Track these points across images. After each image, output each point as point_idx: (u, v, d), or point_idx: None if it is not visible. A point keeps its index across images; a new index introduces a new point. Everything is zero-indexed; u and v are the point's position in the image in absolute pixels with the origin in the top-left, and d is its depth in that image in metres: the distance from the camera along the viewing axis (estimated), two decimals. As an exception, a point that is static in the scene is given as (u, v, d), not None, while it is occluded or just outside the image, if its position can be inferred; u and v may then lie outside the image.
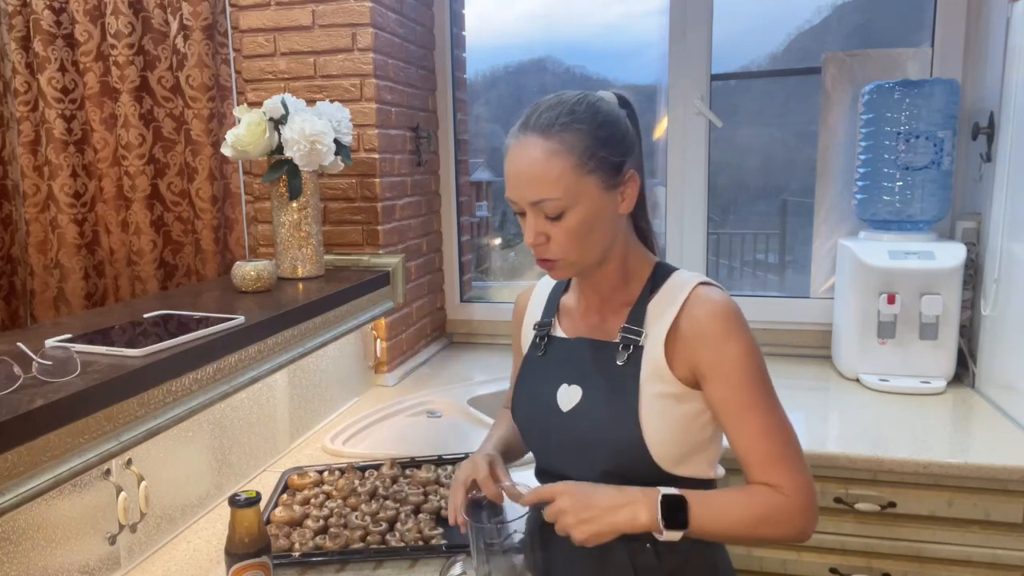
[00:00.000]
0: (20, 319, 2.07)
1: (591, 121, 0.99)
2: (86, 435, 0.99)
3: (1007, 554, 1.50)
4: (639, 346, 1.04)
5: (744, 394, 1.00)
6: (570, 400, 1.07)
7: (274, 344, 1.42)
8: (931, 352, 1.90)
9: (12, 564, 1.02)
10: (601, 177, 0.99)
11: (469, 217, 2.65)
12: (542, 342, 1.15)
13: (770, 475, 0.99)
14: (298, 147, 1.68)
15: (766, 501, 0.98)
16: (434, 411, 1.91)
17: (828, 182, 2.23)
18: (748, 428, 1.00)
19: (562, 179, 0.97)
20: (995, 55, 1.84)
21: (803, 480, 0.98)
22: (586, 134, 0.98)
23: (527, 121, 1.00)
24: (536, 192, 0.98)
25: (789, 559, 1.61)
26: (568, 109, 0.99)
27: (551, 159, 0.97)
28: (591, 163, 0.98)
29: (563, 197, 0.97)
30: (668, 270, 1.09)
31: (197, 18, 1.98)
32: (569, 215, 0.99)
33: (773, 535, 0.98)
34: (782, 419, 1.01)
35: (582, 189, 0.98)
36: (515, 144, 1.00)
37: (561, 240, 1.00)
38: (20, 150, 2.07)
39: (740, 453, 1.01)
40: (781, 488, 0.98)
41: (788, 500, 0.97)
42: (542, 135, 0.98)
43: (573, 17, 2.61)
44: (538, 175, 0.97)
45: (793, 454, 1.00)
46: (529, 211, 1.00)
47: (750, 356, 1.00)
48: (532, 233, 1.00)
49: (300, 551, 1.20)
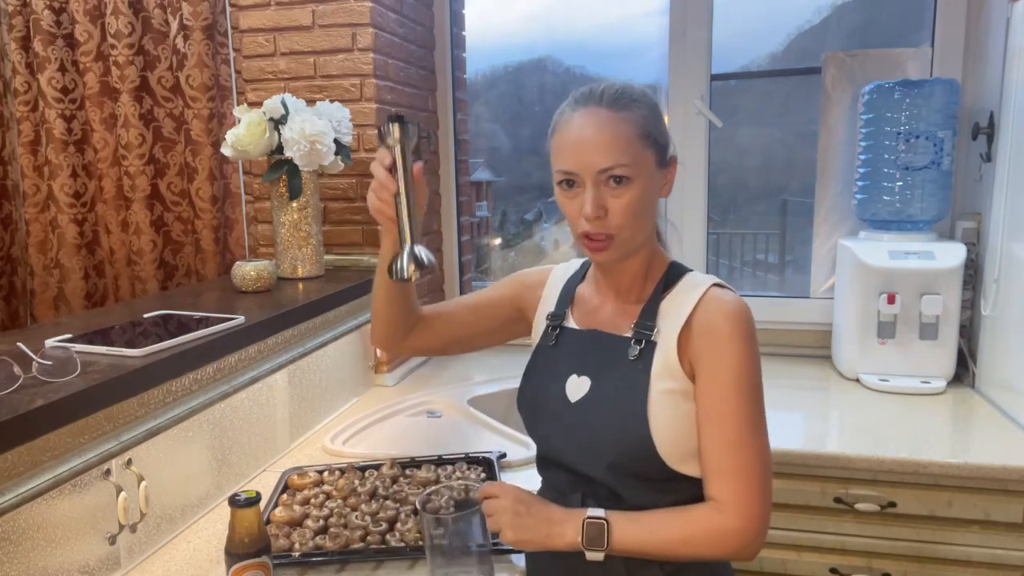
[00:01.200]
0: (20, 319, 2.07)
1: (650, 103, 1.04)
2: (86, 435, 0.99)
3: (1007, 554, 1.50)
4: (651, 341, 1.04)
5: (728, 400, 0.99)
6: (579, 391, 1.08)
7: (274, 344, 1.42)
8: (931, 352, 1.90)
9: (12, 564, 1.02)
10: (656, 154, 1.04)
11: (469, 217, 2.64)
12: (554, 332, 1.16)
13: (719, 489, 0.97)
14: (298, 147, 1.68)
15: (698, 522, 0.97)
16: (434, 411, 1.91)
17: (828, 182, 2.23)
18: (718, 435, 0.98)
19: (631, 147, 1.01)
20: (995, 55, 1.84)
21: (751, 501, 0.96)
22: (646, 113, 1.03)
23: (591, 95, 1.03)
24: (607, 158, 1.00)
25: (789, 559, 1.61)
26: (633, 92, 1.04)
27: (622, 126, 1.01)
28: (649, 139, 1.03)
29: (631, 165, 1.00)
30: (682, 270, 1.11)
31: (197, 18, 1.98)
32: (632, 186, 1.01)
33: (702, 555, 0.98)
34: (756, 436, 0.99)
35: (644, 162, 1.02)
36: (579, 115, 1.02)
37: (620, 212, 1.01)
38: (20, 150, 2.07)
39: (702, 458, 1.00)
40: (724, 506, 0.96)
41: (724, 520, 0.96)
42: (611, 107, 1.01)
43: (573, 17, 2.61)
44: (609, 142, 1.00)
45: (754, 474, 0.97)
46: (591, 182, 1.01)
47: (747, 364, 1.00)
48: (594, 205, 1.00)
49: (300, 551, 1.20)
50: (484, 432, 1.76)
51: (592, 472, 1.05)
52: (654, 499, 1.03)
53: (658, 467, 1.02)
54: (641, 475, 1.03)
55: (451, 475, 1.45)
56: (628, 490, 1.04)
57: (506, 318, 1.26)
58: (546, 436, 1.13)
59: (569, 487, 1.09)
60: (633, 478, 1.03)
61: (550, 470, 1.15)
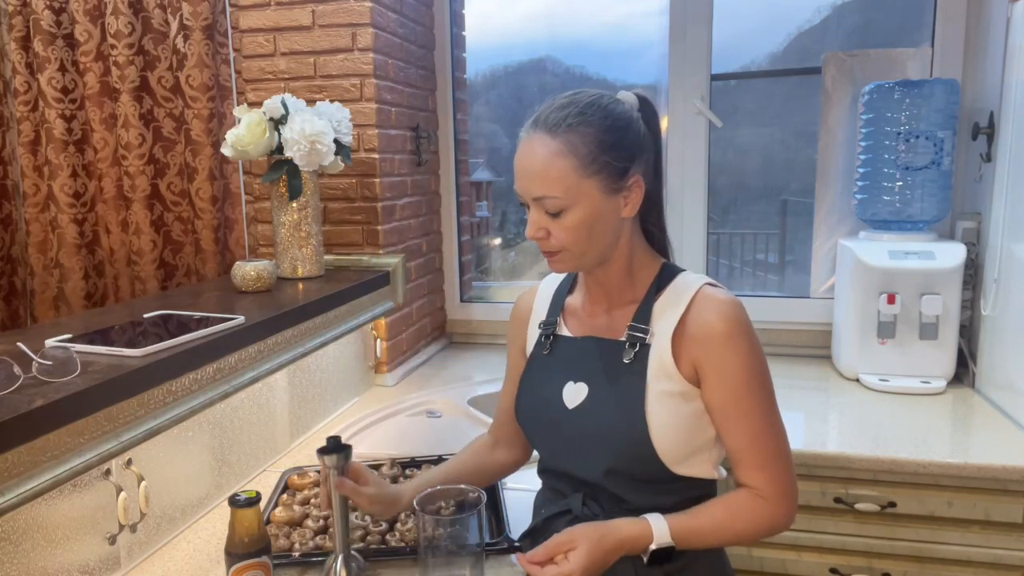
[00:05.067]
0: (20, 319, 2.07)
1: (599, 124, 0.99)
2: (86, 435, 0.99)
3: (1007, 554, 1.50)
4: (645, 344, 1.04)
5: (741, 399, 1.01)
6: (576, 397, 1.08)
7: (274, 344, 1.42)
8: (931, 352, 1.90)
9: (12, 564, 1.02)
10: (604, 180, 1.00)
11: (469, 217, 2.65)
12: (547, 340, 1.15)
13: (754, 478, 1.03)
14: (298, 147, 1.68)
15: (747, 514, 1.03)
16: (434, 411, 1.91)
17: (828, 182, 2.23)
18: (740, 431, 1.02)
19: (563, 180, 0.98)
20: (995, 55, 1.84)
21: (784, 482, 1.04)
22: (592, 137, 0.98)
23: (538, 118, 1.02)
24: (538, 188, 1.00)
25: (789, 559, 1.61)
26: (579, 111, 0.99)
27: (554, 159, 0.98)
28: (594, 166, 0.99)
29: (563, 197, 0.99)
30: (674, 271, 1.10)
31: (197, 18, 1.98)
32: (568, 214, 1.00)
33: (753, 539, 1.05)
34: (774, 423, 1.04)
35: (583, 191, 0.99)
36: (524, 139, 1.02)
37: (560, 236, 1.02)
38: (20, 150, 2.07)
39: (730, 453, 1.05)
40: (763, 492, 1.02)
41: (767, 507, 1.03)
42: (549, 133, 0.99)
43: (573, 17, 2.60)
44: (540, 173, 0.99)
45: (781, 458, 1.04)
46: (532, 205, 1.03)
47: (751, 360, 1.01)
48: (533, 227, 1.03)
49: (300, 551, 1.20)
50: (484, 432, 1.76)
51: (592, 477, 1.05)
52: (654, 501, 1.03)
53: (658, 469, 1.02)
54: (641, 478, 1.03)
55: (451, 475, 1.45)
56: (628, 493, 1.04)
57: None
58: (546, 444, 1.13)
59: (570, 490, 1.09)
60: (633, 481, 1.03)
61: (550, 475, 1.15)
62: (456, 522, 1.02)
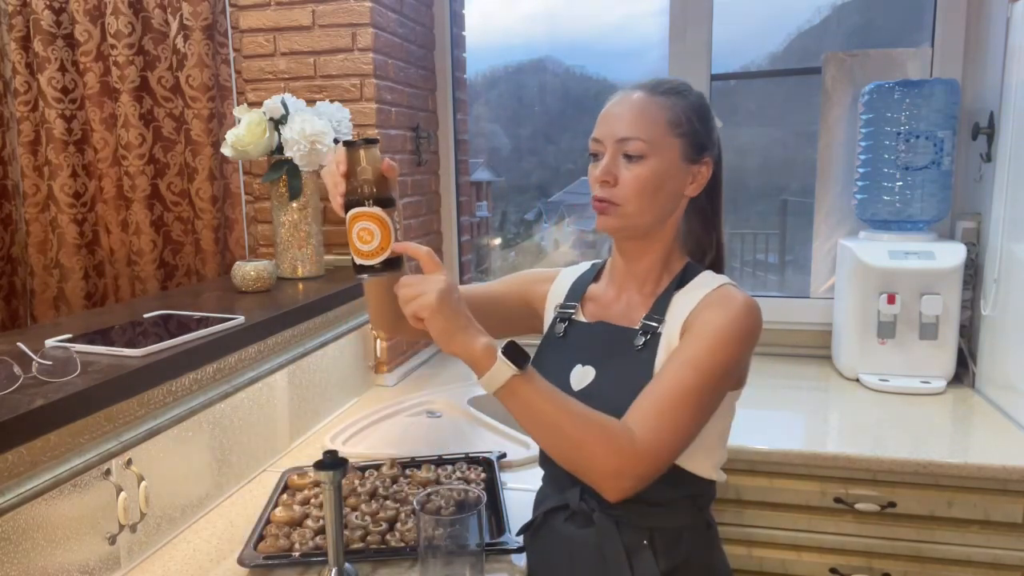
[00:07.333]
0: (20, 319, 2.07)
1: (694, 101, 1.07)
2: (86, 435, 0.99)
3: (1007, 554, 1.50)
4: (657, 333, 1.05)
5: (679, 368, 0.97)
6: (583, 380, 1.08)
7: (274, 344, 1.42)
8: (931, 352, 1.90)
9: (12, 564, 1.02)
10: (685, 146, 1.05)
11: (469, 217, 2.64)
12: (563, 324, 1.16)
13: (636, 418, 0.95)
14: (298, 147, 1.68)
15: (606, 423, 0.93)
16: (434, 411, 1.91)
17: (828, 182, 2.23)
18: (658, 383, 0.97)
19: (653, 127, 1.04)
20: (995, 55, 1.84)
21: (659, 445, 0.94)
22: (686, 107, 1.06)
23: (637, 84, 1.08)
24: (626, 129, 1.04)
25: (789, 559, 1.61)
26: (678, 85, 1.08)
27: (651, 106, 1.04)
28: (681, 128, 1.05)
29: (648, 142, 1.03)
30: (697, 269, 1.11)
31: (197, 18, 1.98)
32: (644, 163, 1.03)
33: (587, 451, 0.92)
34: (691, 403, 0.96)
35: (666, 145, 1.04)
36: (620, 94, 1.08)
37: (628, 184, 1.04)
38: (20, 150, 2.07)
39: (638, 398, 0.98)
40: (636, 429, 0.94)
41: (629, 437, 0.93)
42: (649, 92, 1.06)
43: (573, 17, 2.61)
44: (634, 115, 1.04)
45: (670, 419, 0.95)
46: (610, 149, 1.05)
47: (719, 344, 0.98)
48: (604, 170, 1.05)
49: (300, 551, 1.20)
50: (484, 432, 1.76)
51: None
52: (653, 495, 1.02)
53: None
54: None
55: (451, 475, 1.45)
56: None
57: (512, 313, 1.25)
58: None
59: (569, 482, 1.09)
60: None
61: (552, 464, 1.15)
62: (456, 522, 1.03)
